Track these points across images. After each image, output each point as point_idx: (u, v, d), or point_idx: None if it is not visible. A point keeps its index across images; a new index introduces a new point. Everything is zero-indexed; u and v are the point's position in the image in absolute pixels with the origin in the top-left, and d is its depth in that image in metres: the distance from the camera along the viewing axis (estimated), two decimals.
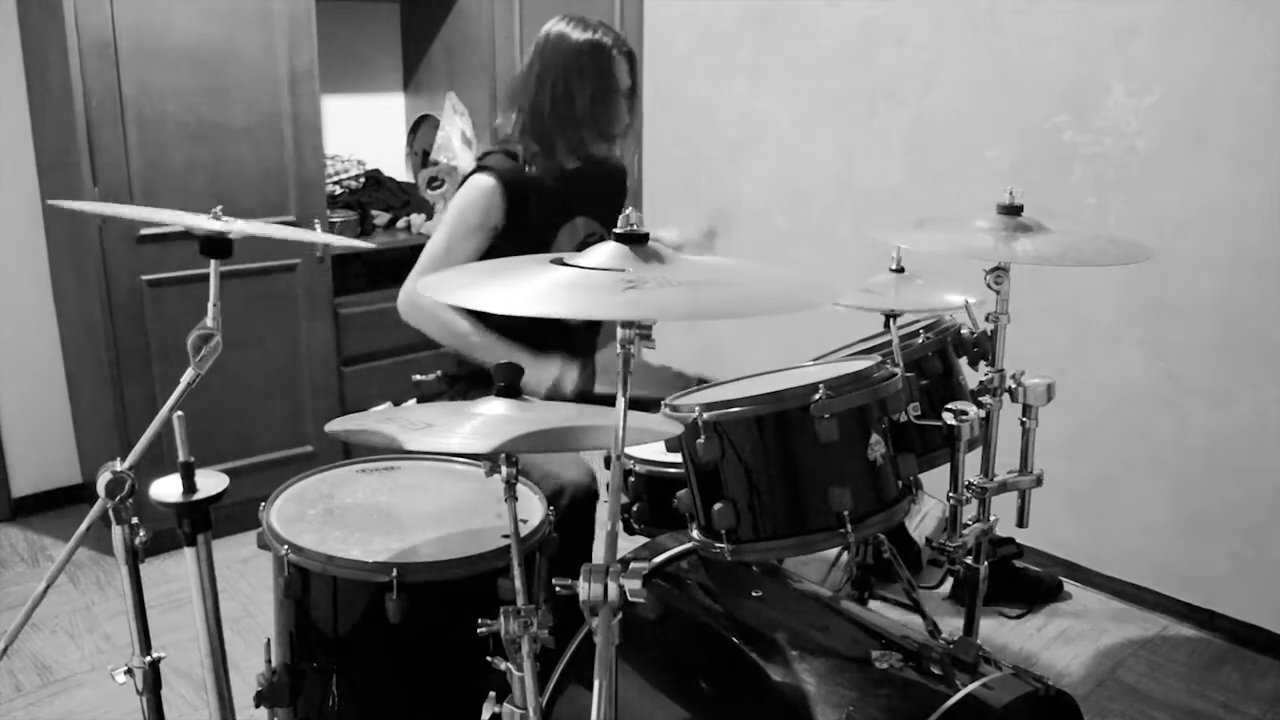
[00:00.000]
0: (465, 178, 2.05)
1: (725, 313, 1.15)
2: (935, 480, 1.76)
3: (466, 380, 2.13)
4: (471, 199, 1.99)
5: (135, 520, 1.33)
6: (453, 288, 1.15)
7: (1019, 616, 2.57)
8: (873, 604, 2.17)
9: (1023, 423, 1.74)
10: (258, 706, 1.53)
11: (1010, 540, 2.65)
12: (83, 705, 2.16)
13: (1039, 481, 1.76)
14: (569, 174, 2.07)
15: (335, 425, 1.34)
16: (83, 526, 1.30)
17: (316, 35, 2.79)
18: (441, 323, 2.00)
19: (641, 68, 3.57)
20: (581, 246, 2.08)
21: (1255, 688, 2.29)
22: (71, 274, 2.79)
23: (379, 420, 1.33)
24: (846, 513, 1.37)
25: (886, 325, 1.77)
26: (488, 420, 1.26)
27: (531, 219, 2.02)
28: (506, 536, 1.29)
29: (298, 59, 2.77)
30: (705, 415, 1.39)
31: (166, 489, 1.36)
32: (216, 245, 1.37)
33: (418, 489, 1.68)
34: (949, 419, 1.58)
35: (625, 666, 1.43)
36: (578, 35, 1.97)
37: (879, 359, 1.59)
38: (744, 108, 3.30)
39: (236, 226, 1.36)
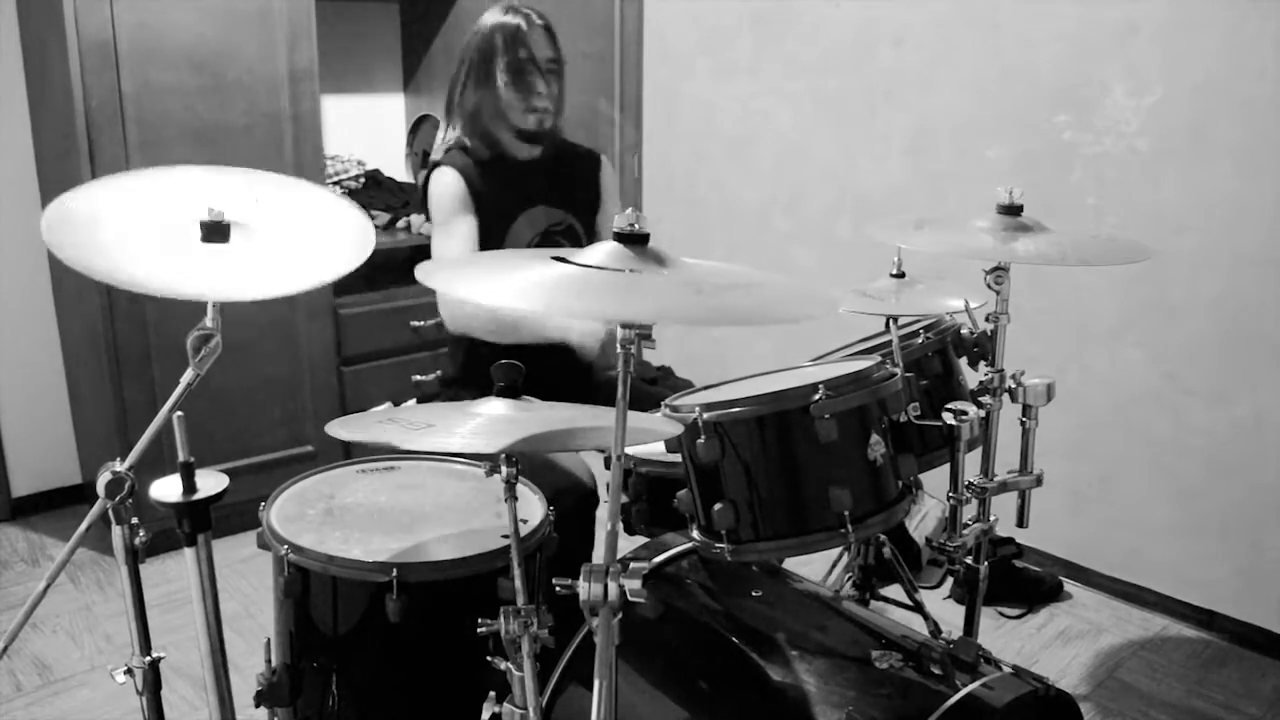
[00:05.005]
0: (425, 183, 2.09)
1: (732, 320, 1.15)
2: (935, 480, 1.76)
3: (461, 383, 2.14)
4: (438, 191, 2.05)
5: (135, 520, 1.32)
6: (453, 281, 1.15)
7: (1019, 616, 2.57)
8: (873, 604, 2.17)
9: (1023, 423, 1.74)
10: (258, 706, 1.53)
11: (1010, 540, 2.65)
12: (83, 705, 2.16)
13: (1039, 481, 1.77)
14: (527, 163, 2.07)
15: (336, 427, 1.34)
16: (82, 526, 1.30)
17: (316, 35, 2.79)
18: (488, 314, 1.97)
19: (641, 68, 3.59)
20: (544, 236, 2.08)
21: (1255, 688, 2.29)
22: (71, 274, 2.77)
23: (379, 421, 1.33)
24: (846, 513, 1.37)
25: (887, 325, 1.77)
26: (488, 420, 1.26)
27: (485, 206, 2.04)
28: (506, 536, 1.29)
29: (298, 59, 2.77)
30: (705, 415, 1.39)
31: (166, 489, 1.35)
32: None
33: (418, 489, 1.68)
34: (949, 419, 1.58)
35: (625, 666, 1.43)
36: (491, 19, 2.02)
37: (879, 359, 1.59)
38: (744, 108, 3.30)
39: (233, 290, 1.34)
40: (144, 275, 1.25)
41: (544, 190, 2.09)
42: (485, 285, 1.14)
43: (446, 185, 2.04)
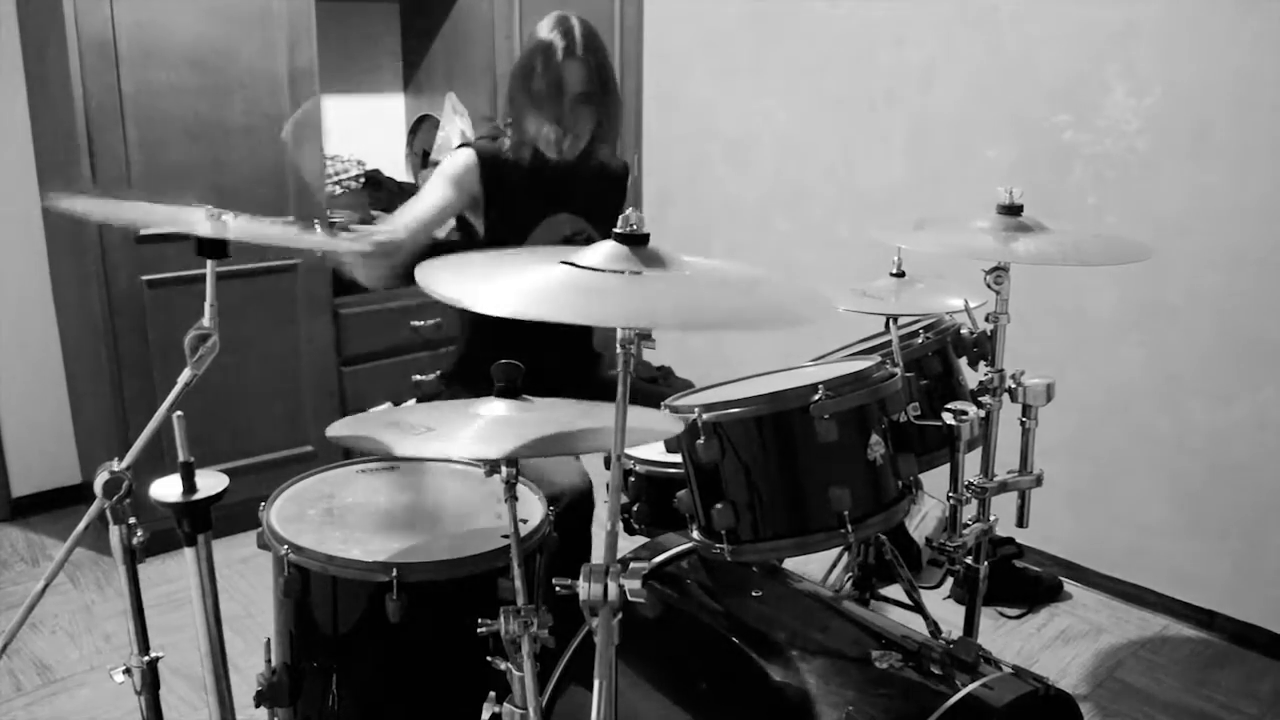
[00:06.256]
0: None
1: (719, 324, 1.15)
2: (935, 480, 1.76)
3: (461, 381, 2.14)
4: (449, 160, 2.05)
5: (133, 520, 1.32)
6: (450, 279, 1.15)
7: (1019, 616, 2.57)
8: (873, 604, 2.17)
9: (1022, 423, 1.74)
10: (258, 706, 1.53)
11: (1010, 540, 2.65)
12: (83, 705, 2.16)
13: (1039, 481, 1.77)
14: (559, 169, 2.06)
15: (337, 429, 1.33)
16: (80, 525, 1.30)
17: (316, 35, 2.79)
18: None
19: (641, 68, 3.59)
20: (564, 243, 2.08)
21: (1255, 688, 2.29)
22: (71, 274, 2.79)
23: (380, 425, 1.32)
24: (846, 513, 1.37)
25: (887, 325, 1.77)
26: (489, 424, 1.26)
27: (508, 203, 2.04)
28: (506, 536, 1.29)
29: (298, 59, 2.77)
30: (705, 416, 1.39)
31: (166, 489, 1.35)
32: (212, 245, 1.37)
33: (418, 489, 1.68)
34: (949, 419, 1.58)
35: (625, 666, 1.43)
36: (541, 34, 1.98)
37: (879, 359, 1.59)
38: (744, 108, 3.30)
39: (231, 227, 1.35)
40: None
41: (570, 198, 2.10)
42: (484, 285, 1.14)
43: (458, 159, 2.04)
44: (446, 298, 1.06)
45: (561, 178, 2.08)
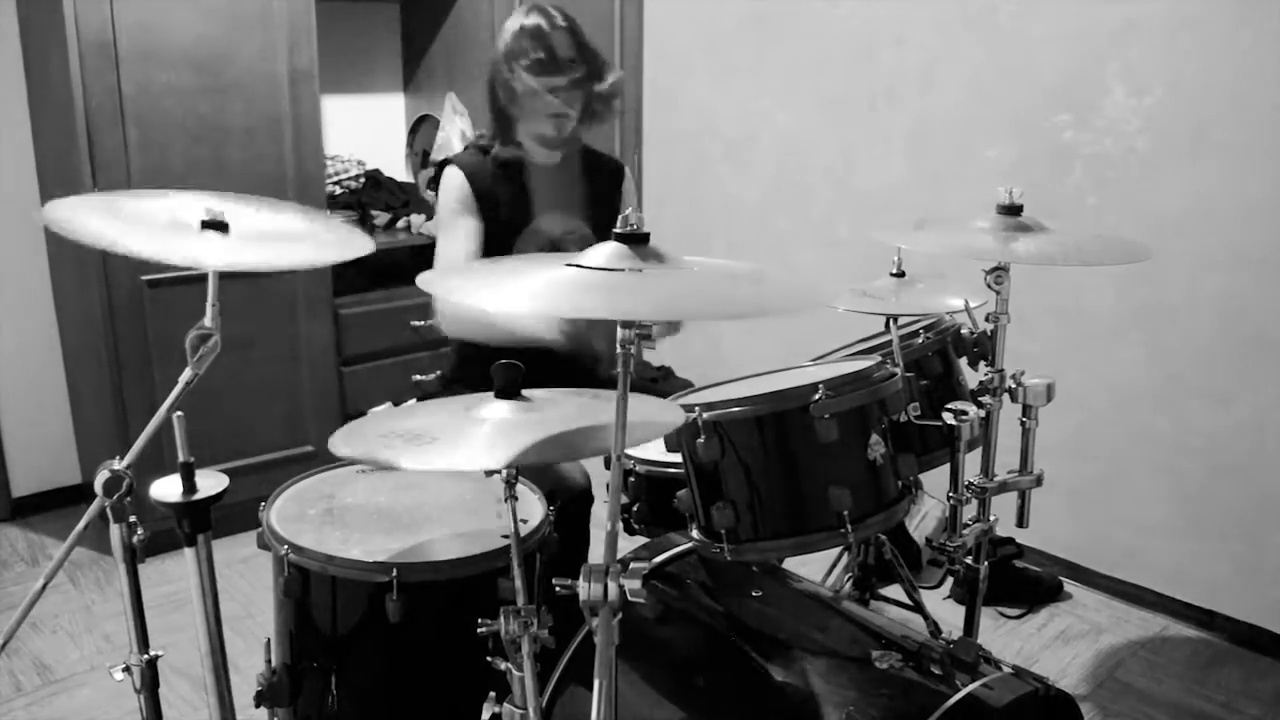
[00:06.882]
0: (435, 179, 2.10)
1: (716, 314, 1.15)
2: (935, 480, 1.76)
3: (461, 381, 2.14)
4: (443, 189, 2.07)
5: (133, 518, 1.32)
6: (457, 288, 1.15)
7: (1019, 616, 2.57)
8: (873, 604, 2.17)
9: (1023, 423, 1.74)
10: (258, 706, 1.53)
11: (1010, 540, 2.65)
12: (83, 705, 2.16)
13: (1039, 481, 1.77)
14: (547, 169, 2.07)
15: (338, 443, 1.30)
16: (80, 524, 1.30)
17: (316, 35, 2.79)
18: (485, 321, 1.95)
19: (641, 68, 3.59)
20: (556, 243, 2.08)
21: (1255, 688, 2.29)
22: (72, 274, 2.79)
23: (382, 435, 1.30)
24: (846, 513, 1.37)
25: (887, 325, 1.77)
26: (493, 429, 1.25)
27: (500, 207, 2.04)
28: (506, 536, 1.29)
29: (298, 59, 2.77)
30: (705, 415, 1.39)
31: (166, 489, 1.35)
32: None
33: (417, 489, 1.68)
34: (949, 419, 1.58)
35: (625, 666, 1.43)
36: (515, 21, 1.99)
37: (879, 359, 1.59)
38: (744, 108, 3.30)
39: (232, 259, 1.34)
40: (143, 245, 1.25)
41: (561, 198, 2.09)
42: (487, 290, 1.14)
43: (450, 185, 2.04)
44: (465, 303, 1.08)
45: (549, 176, 2.08)
